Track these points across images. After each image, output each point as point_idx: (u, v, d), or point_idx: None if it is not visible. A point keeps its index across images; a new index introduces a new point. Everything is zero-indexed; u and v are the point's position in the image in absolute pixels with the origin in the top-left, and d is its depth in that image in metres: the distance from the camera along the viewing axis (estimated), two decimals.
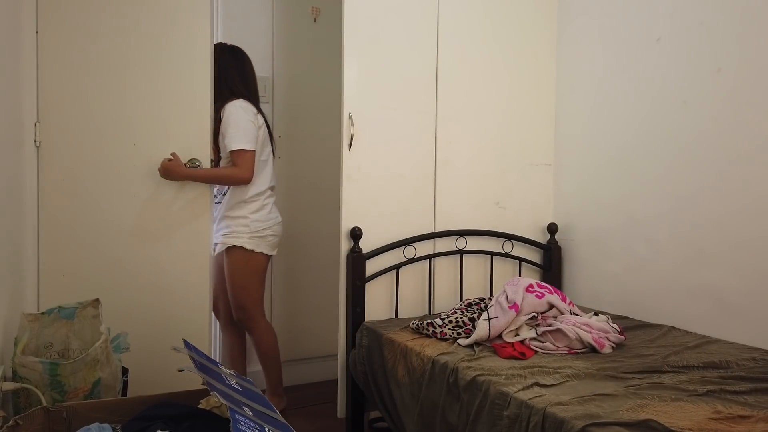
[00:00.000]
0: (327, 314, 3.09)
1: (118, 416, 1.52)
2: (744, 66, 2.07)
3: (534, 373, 1.72)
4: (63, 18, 2.21)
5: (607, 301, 2.59)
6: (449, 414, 1.80)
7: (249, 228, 2.52)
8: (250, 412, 1.31)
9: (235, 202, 2.54)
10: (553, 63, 2.86)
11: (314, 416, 2.76)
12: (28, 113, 2.16)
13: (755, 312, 2.03)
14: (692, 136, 2.24)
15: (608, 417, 1.37)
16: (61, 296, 2.11)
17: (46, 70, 2.19)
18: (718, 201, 2.15)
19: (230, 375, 1.61)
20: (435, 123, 2.62)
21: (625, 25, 2.51)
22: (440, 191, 2.64)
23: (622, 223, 2.52)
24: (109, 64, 2.27)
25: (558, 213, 2.87)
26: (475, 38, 2.69)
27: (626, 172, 2.50)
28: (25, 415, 1.42)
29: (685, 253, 2.26)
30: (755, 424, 1.36)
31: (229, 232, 2.54)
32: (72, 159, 2.24)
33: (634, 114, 2.47)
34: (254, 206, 2.54)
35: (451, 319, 2.14)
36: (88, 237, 2.27)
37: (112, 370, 1.82)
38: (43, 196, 2.21)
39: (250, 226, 2.52)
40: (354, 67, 2.42)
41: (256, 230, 2.53)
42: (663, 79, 2.34)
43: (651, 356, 1.89)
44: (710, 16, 2.17)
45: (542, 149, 2.86)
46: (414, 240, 2.54)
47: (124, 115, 2.30)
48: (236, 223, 2.53)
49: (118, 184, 2.30)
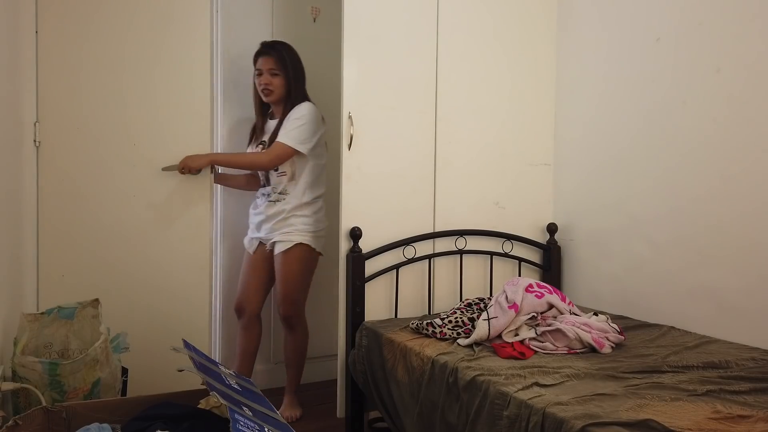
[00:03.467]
0: (327, 314, 3.09)
1: (117, 416, 1.52)
2: (743, 66, 2.07)
3: (534, 373, 1.72)
4: (62, 18, 2.21)
5: (606, 301, 2.59)
6: (449, 414, 1.80)
7: (313, 227, 2.68)
8: (250, 412, 1.31)
9: (297, 203, 2.65)
10: (553, 63, 2.86)
11: (314, 416, 2.76)
12: (27, 113, 2.16)
13: (755, 312, 2.03)
14: (692, 136, 2.24)
15: (608, 417, 1.37)
16: (60, 296, 2.11)
17: (46, 70, 2.19)
18: (718, 201, 2.15)
19: (230, 375, 1.61)
20: (435, 123, 2.62)
21: (624, 25, 2.51)
22: (440, 191, 2.64)
23: (622, 223, 2.52)
24: (108, 64, 2.27)
25: (558, 213, 2.87)
26: (475, 38, 2.68)
27: (626, 172, 2.50)
28: (24, 415, 1.42)
29: (685, 253, 2.26)
30: (755, 424, 1.36)
31: (294, 230, 2.64)
32: (71, 159, 2.24)
33: (633, 114, 2.47)
34: (315, 207, 2.71)
35: (451, 319, 2.15)
36: (87, 237, 2.27)
37: (112, 370, 1.82)
38: (42, 196, 2.21)
39: (314, 225, 2.69)
40: (354, 67, 2.42)
41: (317, 230, 2.70)
42: (663, 79, 2.34)
43: (650, 356, 1.89)
44: (710, 16, 2.17)
45: (542, 149, 2.86)
46: (414, 240, 2.54)
47: (124, 115, 2.30)
48: (301, 222, 2.65)
49: (117, 185, 2.30)
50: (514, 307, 2.01)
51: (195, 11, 2.37)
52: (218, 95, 2.89)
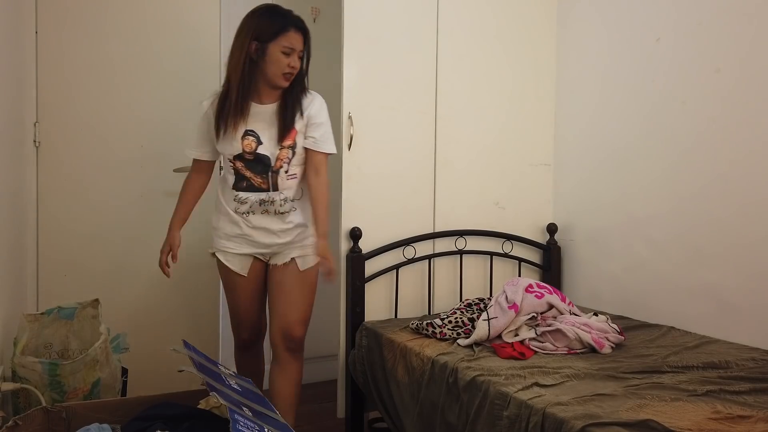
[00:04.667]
0: (327, 314, 3.09)
1: (117, 416, 1.52)
2: (743, 66, 2.07)
3: (533, 373, 1.72)
4: (62, 19, 2.21)
5: (606, 301, 2.59)
6: (449, 414, 1.80)
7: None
8: (250, 413, 1.31)
9: (307, 217, 2.15)
10: (553, 63, 2.86)
11: (314, 416, 2.77)
12: (27, 113, 2.16)
13: (755, 312, 2.03)
14: (691, 136, 2.24)
15: (608, 417, 1.37)
16: (60, 296, 2.12)
17: (46, 70, 2.20)
18: (718, 201, 2.15)
19: (230, 375, 1.61)
20: (435, 123, 2.62)
21: (624, 25, 2.51)
22: (440, 191, 2.64)
23: (622, 223, 2.52)
24: (111, 64, 2.28)
25: (557, 213, 2.87)
26: (475, 38, 2.68)
27: (626, 172, 2.50)
28: (24, 416, 1.42)
29: (685, 253, 2.26)
30: (755, 424, 1.36)
31: (311, 243, 2.13)
32: (71, 159, 2.24)
33: (633, 114, 2.47)
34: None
35: (451, 320, 2.14)
36: (87, 237, 2.27)
37: (112, 370, 1.82)
38: (42, 196, 2.21)
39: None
40: (354, 67, 2.42)
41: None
42: (662, 79, 2.34)
43: (650, 356, 1.89)
44: (709, 16, 2.17)
45: (542, 149, 2.86)
46: (414, 240, 2.54)
47: (130, 116, 2.30)
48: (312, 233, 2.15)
49: (122, 185, 2.30)
50: (514, 307, 2.01)
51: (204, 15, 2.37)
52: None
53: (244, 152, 2.04)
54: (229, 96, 2.02)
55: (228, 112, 2.02)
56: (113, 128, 2.30)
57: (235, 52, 2.03)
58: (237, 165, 2.06)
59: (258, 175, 2.07)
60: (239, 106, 2.02)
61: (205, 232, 2.27)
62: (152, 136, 2.36)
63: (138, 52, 2.32)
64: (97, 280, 2.27)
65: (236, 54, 2.02)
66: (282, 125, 2.05)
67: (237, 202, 2.08)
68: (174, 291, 2.39)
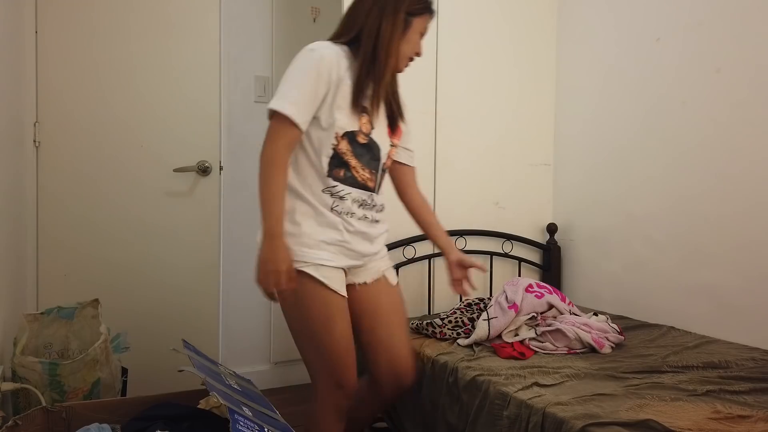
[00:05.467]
0: None
1: (117, 416, 1.52)
2: (743, 66, 2.07)
3: (533, 373, 1.72)
4: (62, 18, 2.21)
5: (606, 301, 2.59)
6: (449, 414, 1.80)
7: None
8: (250, 413, 1.31)
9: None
10: (553, 63, 2.86)
11: None
12: (27, 113, 2.16)
13: (755, 312, 2.03)
14: (691, 136, 2.24)
15: (608, 417, 1.37)
16: (60, 296, 2.12)
17: (46, 70, 2.20)
18: (717, 201, 2.15)
19: (230, 375, 1.61)
20: (435, 123, 2.62)
21: (624, 25, 2.51)
22: (440, 191, 2.64)
23: (622, 223, 2.52)
24: (111, 64, 2.28)
25: (557, 213, 2.87)
26: (476, 38, 2.69)
27: (626, 172, 2.51)
28: (24, 416, 1.42)
29: (685, 252, 2.26)
30: (755, 424, 1.36)
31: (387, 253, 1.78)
32: (71, 159, 2.24)
33: (633, 114, 2.47)
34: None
35: (451, 319, 2.14)
36: (87, 237, 2.27)
37: (112, 370, 1.82)
38: (42, 196, 2.21)
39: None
40: None
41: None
42: (662, 80, 2.34)
43: (650, 356, 1.89)
44: (709, 16, 2.17)
45: (542, 149, 2.86)
46: (413, 240, 2.54)
47: (130, 116, 2.30)
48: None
49: (122, 185, 2.30)
50: (513, 307, 2.01)
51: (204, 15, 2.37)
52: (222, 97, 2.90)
53: (360, 132, 1.57)
54: (378, 57, 1.54)
55: (379, 76, 1.56)
56: (113, 128, 2.30)
57: (387, 6, 1.56)
58: (341, 147, 1.55)
59: (366, 167, 1.61)
60: (384, 75, 1.57)
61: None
62: (152, 136, 2.36)
63: (138, 52, 2.32)
64: (97, 280, 2.27)
65: (390, 9, 1.56)
66: (394, 117, 1.66)
67: (334, 196, 1.57)
68: (174, 291, 2.39)
